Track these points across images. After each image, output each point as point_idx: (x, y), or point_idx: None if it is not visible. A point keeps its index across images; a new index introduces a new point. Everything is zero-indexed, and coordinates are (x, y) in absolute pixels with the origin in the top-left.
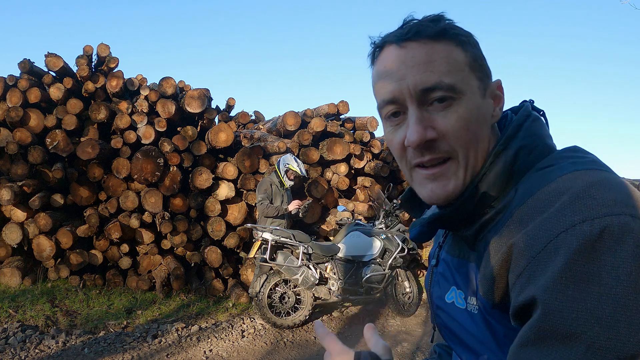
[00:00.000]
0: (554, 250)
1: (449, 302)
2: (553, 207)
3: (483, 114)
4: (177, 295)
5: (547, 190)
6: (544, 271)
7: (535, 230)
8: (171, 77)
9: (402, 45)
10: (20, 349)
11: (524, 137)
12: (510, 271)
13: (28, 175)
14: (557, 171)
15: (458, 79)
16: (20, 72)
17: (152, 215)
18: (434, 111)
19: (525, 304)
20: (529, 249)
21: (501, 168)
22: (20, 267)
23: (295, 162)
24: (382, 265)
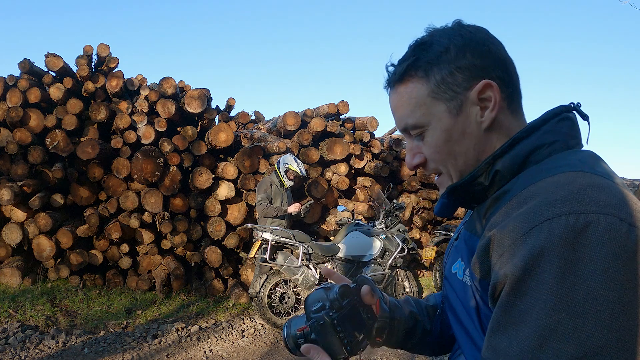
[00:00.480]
0: (536, 233)
1: (453, 272)
2: (547, 196)
3: (459, 130)
4: (177, 295)
5: (549, 180)
6: (521, 252)
7: (523, 215)
8: (171, 77)
9: (389, 93)
10: (20, 349)
11: (547, 132)
12: (494, 249)
13: (28, 175)
14: (563, 166)
15: (419, 116)
16: (20, 72)
17: (152, 215)
18: (417, 140)
19: (499, 281)
20: (513, 232)
21: (519, 153)
22: (20, 267)
23: (295, 162)
24: (382, 265)
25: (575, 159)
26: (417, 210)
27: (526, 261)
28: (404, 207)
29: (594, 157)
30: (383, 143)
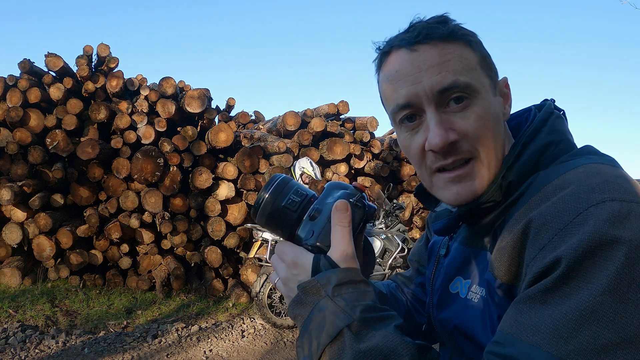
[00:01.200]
0: (583, 220)
1: (453, 292)
2: (583, 184)
3: (497, 112)
4: (177, 295)
5: (574, 172)
6: (571, 238)
7: (560, 204)
8: (171, 77)
9: (414, 48)
10: (20, 349)
11: (550, 131)
12: (529, 246)
13: (28, 175)
14: (582, 161)
15: (472, 78)
16: (20, 72)
17: (152, 215)
18: (451, 112)
19: (547, 268)
20: (554, 221)
21: (529, 159)
22: (20, 267)
23: (310, 166)
24: (382, 265)
25: (587, 153)
26: (417, 210)
27: (581, 245)
28: (404, 207)
29: (594, 148)
30: (383, 143)
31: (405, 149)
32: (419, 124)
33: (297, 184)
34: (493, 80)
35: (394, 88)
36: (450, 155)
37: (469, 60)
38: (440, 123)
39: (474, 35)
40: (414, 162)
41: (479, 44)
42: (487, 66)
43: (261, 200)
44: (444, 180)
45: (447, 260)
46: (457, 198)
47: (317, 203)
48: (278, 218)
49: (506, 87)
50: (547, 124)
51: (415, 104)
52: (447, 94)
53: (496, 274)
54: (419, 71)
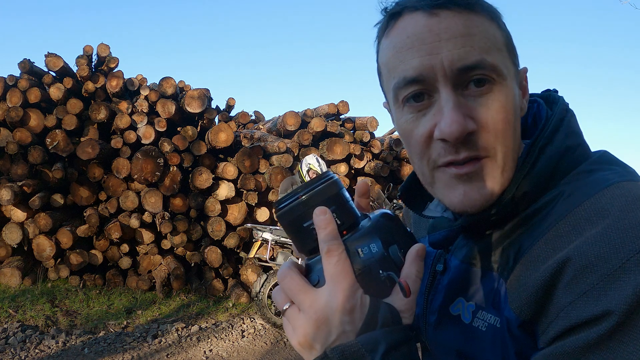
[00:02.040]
0: (634, 266)
1: (455, 314)
2: (623, 214)
3: (518, 105)
4: (177, 295)
5: (608, 194)
6: (621, 287)
7: (605, 243)
8: (171, 77)
9: (434, 12)
10: (20, 349)
11: (568, 134)
12: (565, 287)
13: (28, 175)
14: (612, 176)
15: (499, 59)
16: (20, 72)
17: (152, 215)
18: (470, 97)
19: (591, 319)
20: (599, 264)
21: (546, 166)
22: (20, 267)
23: (316, 162)
24: None
25: (612, 165)
26: None
27: (636, 299)
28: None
29: (615, 156)
30: (383, 143)
31: (405, 135)
32: (427, 105)
33: (348, 197)
34: (516, 68)
35: (402, 57)
36: (464, 149)
37: (495, 38)
38: (458, 107)
39: (499, 12)
40: (414, 152)
41: (504, 24)
42: (512, 50)
43: (294, 199)
44: (450, 176)
45: (446, 279)
46: (462, 201)
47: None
48: (306, 230)
49: (525, 79)
50: (564, 124)
51: (427, 80)
52: (468, 74)
53: (518, 313)
54: (437, 40)
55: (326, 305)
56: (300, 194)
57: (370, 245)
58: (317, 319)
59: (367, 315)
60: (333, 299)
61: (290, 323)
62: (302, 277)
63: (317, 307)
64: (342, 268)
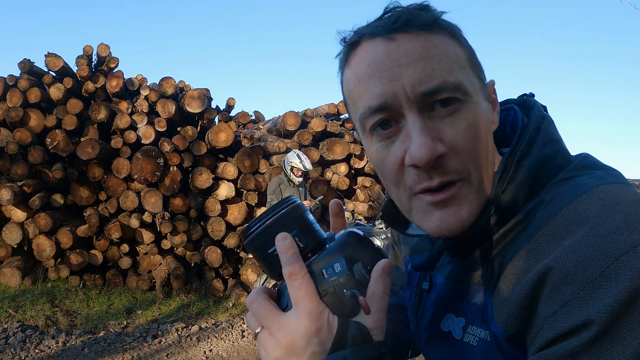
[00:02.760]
0: (615, 273)
1: (446, 330)
2: (603, 222)
3: (488, 121)
4: (177, 295)
5: (587, 200)
6: (602, 295)
7: (584, 251)
8: (171, 77)
9: (392, 37)
10: (20, 349)
11: (545, 142)
12: (550, 296)
13: (28, 175)
14: (590, 181)
15: (463, 77)
16: (20, 72)
17: (152, 215)
18: (437, 118)
19: (573, 329)
20: (579, 273)
21: (525, 178)
22: (20, 267)
23: (297, 159)
24: None
25: (591, 169)
26: None
27: (616, 307)
28: None
29: (596, 160)
30: None
31: (377, 164)
32: (395, 131)
33: (312, 220)
34: (482, 82)
35: (364, 87)
36: (436, 174)
37: (457, 55)
38: (425, 130)
39: (458, 28)
40: (389, 180)
41: (466, 40)
42: (476, 65)
43: (258, 226)
44: (426, 203)
45: (433, 297)
46: (439, 227)
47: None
48: (271, 256)
49: (493, 92)
50: (540, 133)
51: (392, 107)
52: (432, 97)
53: (504, 327)
54: (398, 65)
55: (293, 329)
56: (264, 220)
57: (334, 265)
58: (287, 343)
59: (336, 336)
60: (299, 322)
61: (262, 347)
62: (270, 302)
63: (285, 331)
64: (305, 291)
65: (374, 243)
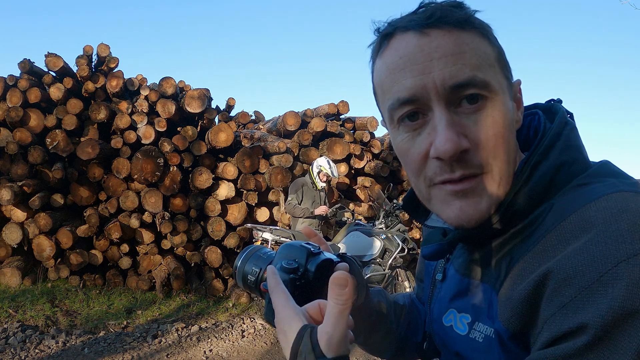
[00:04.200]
0: (612, 280)
1: (447, 325)
2: (608, 228)
3: (513, 119)
4: (177, 295)
5: (594, 207)
6: (597, 301)
7: (584, 256)
8: (171, 77)
9: (425, 32)
10: (20, 349)
11: (565, 148)
12: (549, 298)
13: (28, 175)
14: (602, 189)
15: (491, 75)
16: (20, 72)
17: (152, 215)
18: (463, 114)
19: (569, 332)
20: (578, 277)
21: (540, 181)
22: (20, 267)
23: (327, 164)
24: (382, 265)
25: (607, 177)
26: None
27: (611, 313)
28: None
29: (615, 167)
30: (383, 143)
31: (401, 154)
32: (422, 123)
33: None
34: (509, 82)
35: (395, 78)
36: (459, 167)
37: (487, 54)
38: (451, 125)
39: (490, 27)
40: (411, 170)
41: (496, 39)
42: (504, 64)
43: (234, 269)
44: (446, 193)
45: (445, 288)
46: (459, 216)
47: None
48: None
49: (519, 91)
50: (561, 139)
51: (421, 99)
52: (461, 91)
53: (507, 326)
54: (429, 60)
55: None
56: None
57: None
58: (279, 330)
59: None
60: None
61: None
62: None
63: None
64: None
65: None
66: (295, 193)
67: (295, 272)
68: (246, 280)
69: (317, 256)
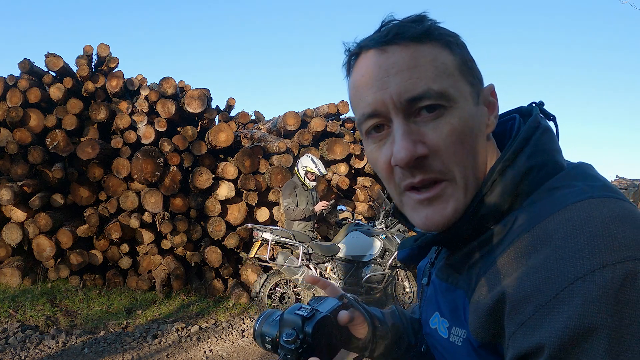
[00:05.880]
0: (568, 298)
1: (433, 328)
2: (566, 244)
3: (478, 124)
4: (177, 295)
5: (557, 219)
6: (554, 319)
7: (543, 273)
8: (171, 77)
9: (382, 49)
10: (20, 349)
11: (533, 153)
12: (510, 315)
13: (28, 175)
14: (569, 196)
15: (448, 85)
16: (21, 72)
17: (152, 215)
18: (422, 123)
19: (528, 352)
20: (535, 295)
21: (506, 187)
22: (20, 267)
23: (312, 163)
24: (382, 265)
25: (576, 181)
26: None
27: (567, 332)
28: None
29: (589, 169)
30: None
31: (372, 164)
32: (386, 135)
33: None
34: (475, 88)
35: (360, 95)
36: (418, 173)
37: (445, 64)
38: (407, 134)
39: (454, 36)
40: (383, 178)
41: (461, 46)
42: (468, 71)
43: (254, 332)
44: (414, 201)
45: (428, 291)
46: (426, 223)
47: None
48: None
49: (492, 95)
50: (530, 143)
51: (381, 113)
52: (416, 104)
53: (476, 336)
54: (387, 75)
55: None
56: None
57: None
58: None
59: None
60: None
61: None
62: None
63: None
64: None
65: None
66: (289, 197)
67: (295, 341)
68: (264, 343)
69: (311, 319)
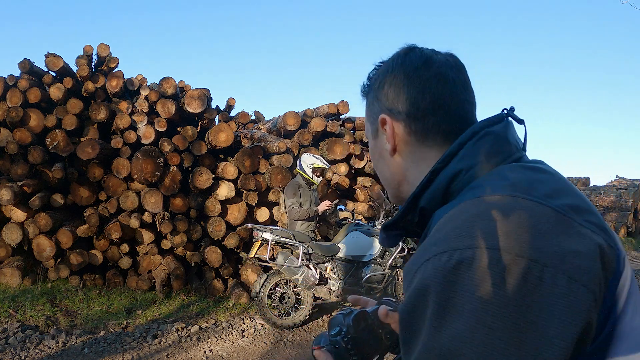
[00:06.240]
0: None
1: None
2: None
3: (378, 152)
4: (177, 295)
5: (447, 215)
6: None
7: (415, 255)
8: (171, 77)
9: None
10: (20, 349)
11: (464, 156)
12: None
13: (28, 175)
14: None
15: (365, 130)
16: (20, 72)
17: (152, 215)
18: None
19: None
20: (407, 273)
21: (438, 186)
22: (20, 267)
23: (317, 159)
24: (382, 265)
25: (491, 181)
26: None
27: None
28: None
29: (506, 171)
30: None
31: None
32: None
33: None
34: (374, 125)
35: None
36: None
37: (368, 115)
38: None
39: (372, 82)
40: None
41: (375, 89)
42: (370, 114)
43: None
44: None
45: None
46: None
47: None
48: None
49: (382, 126)
50: (464, 147)
51: None
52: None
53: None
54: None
55: None
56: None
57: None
58: None
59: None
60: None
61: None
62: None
63: None
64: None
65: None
66: (294, 197)
67: (339, 334)
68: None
69: (350, 314)
